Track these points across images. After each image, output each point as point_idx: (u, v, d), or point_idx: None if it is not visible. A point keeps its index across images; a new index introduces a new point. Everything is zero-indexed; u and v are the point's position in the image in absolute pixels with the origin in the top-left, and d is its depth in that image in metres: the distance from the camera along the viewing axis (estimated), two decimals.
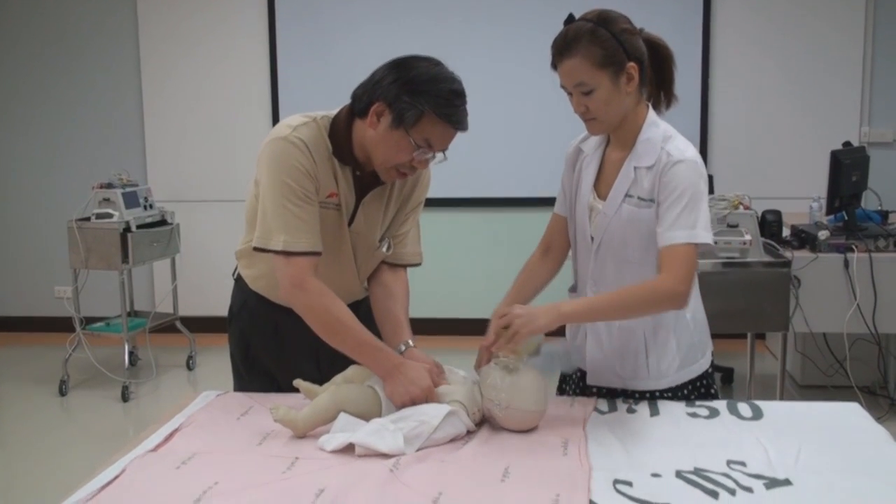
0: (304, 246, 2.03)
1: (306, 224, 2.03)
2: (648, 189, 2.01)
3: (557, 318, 1.91)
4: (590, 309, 1.96)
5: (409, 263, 2.34)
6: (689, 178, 1.95)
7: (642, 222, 2.02)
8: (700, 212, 1.95)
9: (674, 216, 1.95)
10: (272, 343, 2.32)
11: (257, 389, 2.28)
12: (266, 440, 1.92)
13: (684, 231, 1.94)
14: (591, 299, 1.99)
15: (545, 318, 1.90)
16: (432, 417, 1.87)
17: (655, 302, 1.94)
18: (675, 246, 1.94)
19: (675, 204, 1.95)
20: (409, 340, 2.15)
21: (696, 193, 1.95)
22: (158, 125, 6.15)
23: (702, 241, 1.95)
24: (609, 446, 1.86)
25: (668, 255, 1.94)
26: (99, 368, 5.14)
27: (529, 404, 1.94)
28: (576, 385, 2.30)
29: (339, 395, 1.97)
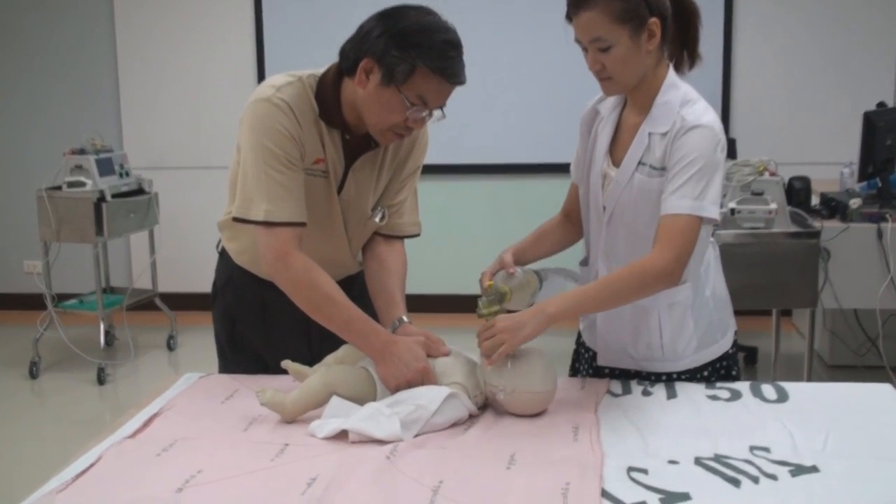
0: (287, 216, 2.03)
1: (289, 192, 2.03)
2: (660, 157, 1.99)
3: (545, 320, 1.90)
4: (578, 303, 1.95)
5: (406, 234, 2.33)
6: (703, 145, 1.93)
7: (653, 193, 2.00)
8: (711, 184, 1.93)
9: (680, 183, 1.93)
10: (259, 321, 2.32)
11: (243, 371, 2.28)
12: (253, 426, 1.92)
13: (689, 201, 1.91)
14: (578, 292, 1.97)
15: (532, 325, 1.90)
16: (430, 401, 1.87)
17: (646, 284, 1.93)
18: (676, 216, 1.92)
19: (684, 171, 1.93)
20: (402, 317, 2.15)
21: (710, 163, 1.93)
22: (134, 86, 6.12)
23: (707, 216, 1.93)
24: (623, 431, 1.86)
25: (666, 226, 1.92)
26: (72, 349, 5.15)
27: (536, 385, 1.94)
28: (588, 365, 2.31)
29: (330, 377, 1.97)
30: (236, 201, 2.09)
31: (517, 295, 2.09)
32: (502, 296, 2.07)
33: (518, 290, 2.09)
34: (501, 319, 1.95)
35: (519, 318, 1.92)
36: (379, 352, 2.01)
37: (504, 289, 2.07)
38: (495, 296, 2.06)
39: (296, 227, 2.04)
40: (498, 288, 2.07)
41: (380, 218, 2.26)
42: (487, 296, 2.06)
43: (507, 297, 2.07)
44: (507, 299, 2.07)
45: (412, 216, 2.33)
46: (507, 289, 2.07)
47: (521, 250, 2.21)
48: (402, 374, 1.97)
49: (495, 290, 2.07)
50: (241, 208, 2.07)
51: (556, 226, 2.29)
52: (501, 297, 2.07)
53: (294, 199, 2.04)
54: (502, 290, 2.07)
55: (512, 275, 2.10)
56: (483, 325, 2.00)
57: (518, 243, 2.22)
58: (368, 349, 2.03)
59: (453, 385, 1.95)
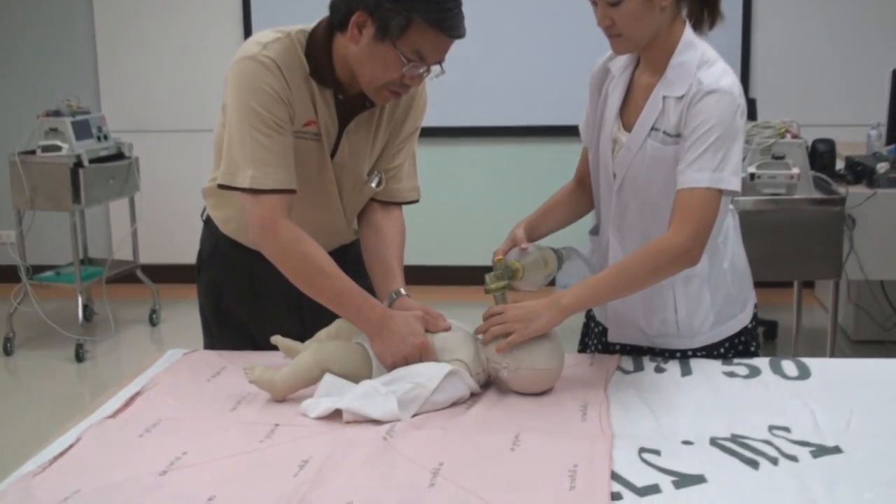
0: (275, 182, 2.02)
1: (278, 157, 2.02)
2: (675, 123, 1.98)
3: (559, 312, 1.93)
4: (594, 293, 1.97)
5: (404, 201, 2.32)
6: (721, 111, 1.92)
7: (667, 162, 1.99)
8: (731, 153, 1.92)
9: (697, 154, 1.92)
10: (247, 294, 2.32)
11: (230, 347, 2.29)
12: (241, 405, 1.92)
13: (707, 173, 1.91)
14: (593, 281, 1.98)
15: (546, 317, 1.92)
16: (430, 378, 1.87)
17: (663, 266, 1.94)
18: (694, 190, 1.91)
19: (701, 140, 1.92)
20: (400, 289, 2.15)
21: (728, 131, 1.92)
22: (113, 42, 6.09)
23: (727, 188, 1.93)
24: (634, 410, 1.87)
25: (683, 202, 1.92)
26: (49, 324, 5.15)
27: (541, 362, 1.94)
28: (598, 340, 2.31)
29: (323, 354, 1.97)
30: (221, 167, 2.08)
31: (529, 273, 2.07)
32: (513, 272, 2.06)
33: (531, 268, 2.08)
34: (513, 308, 1.95)
35: (532, 308, 1.93)
36: (374, 326, 2.01)
37: (515, 265, 2.06)
38: (504, 271, 2.05)
39: (284, 195, 2.04)
40: (508, 264, 2.06)
41: (376, 183, 2.25)
42: (496, 271, 2.05)
43: (517, 274, 2.06)
44: (517, 277, 2.06)
45: (411, 181, 2.32)
46: (519, 265, 2.06)
47: (534, 223, 2.20)
48: (399, 349, 1.97)
49: (505, 266, 2.06)
50: (226, 174, 2.06)
51: (570, 194, 2.29)
52: (511, 274, 2.05)
53: (282, 165, 2.03)
54: (513, 267, 2.06)
55: (525, 251, 2.09)
56: (491, 308, 2.00)
57: (530, 216, 2.22)
58: (363, 324, 2.03)
59: (454, 362, 1.95)
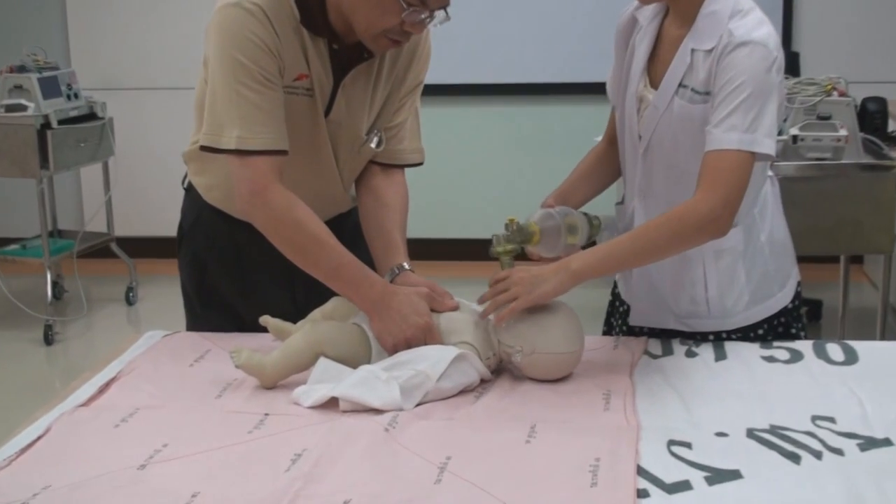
0: (264, 143, 2.02)
1: (267, 115, 2.02)
2: (704, 79, 1.99)
3: (569, 278, 1.92)
4: (608, 257, 1.95)
5: (406, 163, 2.33)
6: (753, 66, 1.92)
7: (696, 122, 2.00)
8: (764, 112, 1.92)
9: (726, 112, 1.92)
10: (233, 269, 2.33)
11: (215, 328, 2.30)
12: (227, 392, 1.93)
13: (738, 134, 1.91)
14: (607, 245, 1.97)
15: (553, 282, 1.92)
16: (436, 363, 1.87)
17: (687, 235, 1.94)
18: (723, 152, 1.91)
19: (731, 98, 1.92)
20: (403, 263, 2.15)
21: (762, 87, 1.92)
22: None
23: (760, 151, 1.92)
24: (663, 398, 1.88)
25: (711, 164, 1.92)
26: (14, 303, 5.15)
27: (559, 345, 1.94)
28: (622, 321, 2.31)
29: (317, 335, 1.97)
30: (204, 127, 2.08)
31: (548, 239, 2.05)
32: (528, 236, 2.03)
33: (550, 233, 2.05)
34: (518, 270, 1.95)
35: (539, 272, 1.93)
36: (374, 304, 2.01)
37: (532, 227, 2.03)
38: (516, 233, 2.02)
39: (275, 157, 2.03)
40: (523, 225, 2.03)
41: (376, 143, 2.25)
42: (507, 231, 2.02)
43: (532, 237, 2.03)
44: (532, 241, 2.03)
45: (414, 141, 2.32)
46: (536, 228, 2.03)
47: (564, 193, 2.20)
48: (401, 330, 1.97)
49: (518, 227, 2.02)
50: (209, 135, 2.06)
51: (601, 157, 2.29)
52: (526, 237, 2.03)
53: (272, 123, 2.03)
54: (529, 230, 2.03)
55: (548, 214, 2.08)
56: (496, 274, 1.99)
57: (560, 187, 2.22)
58: (362, 301, 2.03)
59: (462, 345, 1.95)
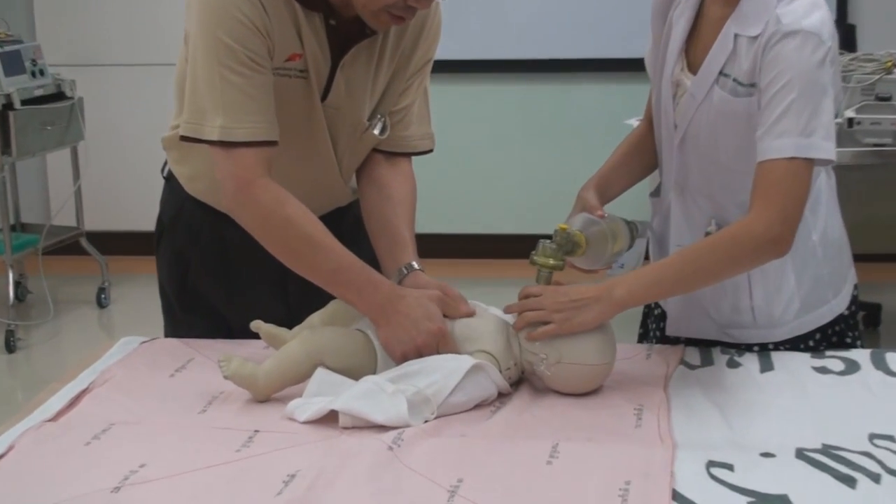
0: (250, 133, 2.02)
1: (254, 101, 2.01)
2: (749, 69, 1.99)
3: (611, 307, 1.93)
4: (654, 283, 1.98)
5: (414, 151, 2.33)
6: (803, 60, 1.92)
7: (738, 117, 2.01)
8: (819, 111, 1.92)
9: (776, 115, 1.92)
10: (220, 269, 2.34)
11: (199, 334, 2.30)
12: (212, 406, 1.94)
13: (792, 139, 1.91)
14: (654, 270, 2.01)
15: (595, 311, 1.93)
16: (448, 374, 1.88)
17: (744, 257, 1.95)
18: (777, 162, 1.91)
19: (780, 97, 1.92)
20: (412, 262, 2.15)
21: (814, 84, 1.92)
22: None
23: (819, 157, 1.93)
24: (702, 414, 1.88)
25: (765, 178, 1.92)
26: None
27: (588, 355, 1.94)
28: (657, 326, 2.32)
29: (316, 343, 1.97)
30: (184, 113, 2.08)
31: (594, 248, 2.06)
32: (573, 246, 2.03)
33: (596, 241, 2.05)
34: (554, 292, 1.95)
35: (578, 296, 1.93)
36: (380, 309, 2.01)
37: (578, 237, 2.03)
38: (564, 244, 2.02)
39: (263, 148, 2.04)
40: (571, 235, 2.03)
41: (379, 130, 2.25)
42: (556, 240, 2.02)
43: (579, 249, 2.03)
44: (578, 252, 2.04)
45: (422, 126, 2.32)
46: (583, 238, 2.04)
47: (604, 182, 2.21)
48: (411, 337, 1.97)
49: (566, 237, 2.02)
50: (190, 123, 2.06)
51: (642, 139, 2.30)
52: (572, 248, 2.03)
53: (260, 111, 2.03)
54: (575, 240, 2.03)
55: (600, 219, 2.09)
56: (528, 287, 2.00)
57: (598, 174, 2.22)
58: (366, 305, 2.03)
59: (479, 354, 1.95)
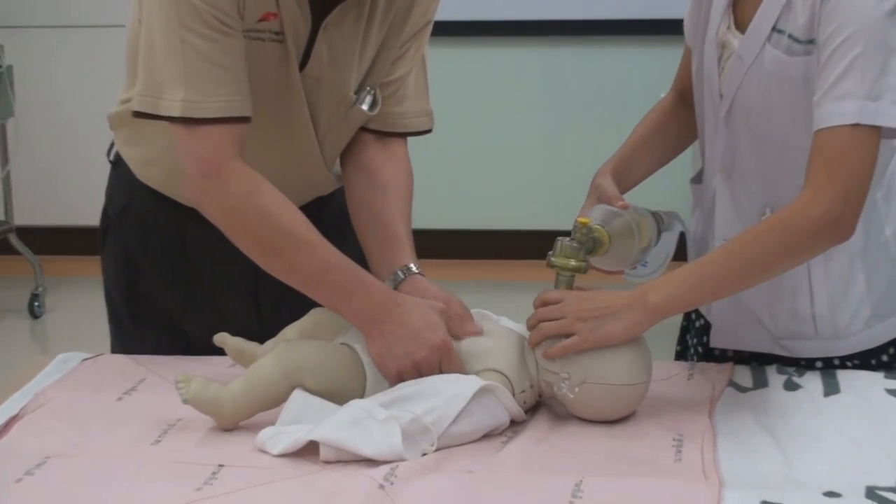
0: (219, 108, 2.01)
1: (222, 70, 2.01)
2: (806, 24, 1.99)
3: (645, 315, 1.93)
4: (696, 285, 1.98)
5: (410, 130, 2.34)
6: (867, 10, 1.91)
7: (794, 81, 2.01)
8: (888, 71, 1.91)
9: (836, 76, 1.92)
10: (178, 270, 2.35)
11: (151, 349, 2.32)
12: (169, 435, 1.93)
13: (855, 102, 1.90)
14: (693, 269, 2.01)
15: (626, 320, 1.93)
16: (451, 398, 1.87)
17: (799, 246, 1.95)
18: (836, 130, 1.91)
19: (840, 55, 1.92)
20: (409, 265, 2.16)
21: (881, 38, 1.91)
22: None
23: (887, 125, 1.92)
24: (754, 446, 1.88)
25: (822, 149, 1.93)
26: None
27: (620, 374, 1.94)
28: (699, 340, 2.33)
29: (292, 360, 1.96)
30: (138, 84, 2.07)
31: (618, 245, 2.06)
32: (595, 243, 2.03)
33: (621, 238, 2.06)
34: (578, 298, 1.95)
35: (609, 302, 1.94)
36: (372, 318, 2.00)
37: (601, 234, 2.03)
38: (586, 241, 2.02)
39: (234, 126, 2.03)
40: (593, 231, 2.03)
41: (369, 105, 2.25)
42: (575, 238, 2.02)
43: (602, 247, 2.03)
44: (600, 250, 2.04)
45: (419, 102, 2.33)
46: (606, 234, 2.03)
47: (622, 166, 2.22)
48: (408, 352, 1.97)
49: (587, 233, 2.02)
50: (145, 97, 2.05)
51: (669, 115, 2.33)
52: (593, 246, 2.02)
53: (230, 81, 2.02)
54: (597, 237, 2.03)
55: (618, 212, 2.09)
56: (546, 293, 2.00)
57: (615, 157, 2.24)
58: (356, 314, 2.02)
59: (487, 373, 1.95)
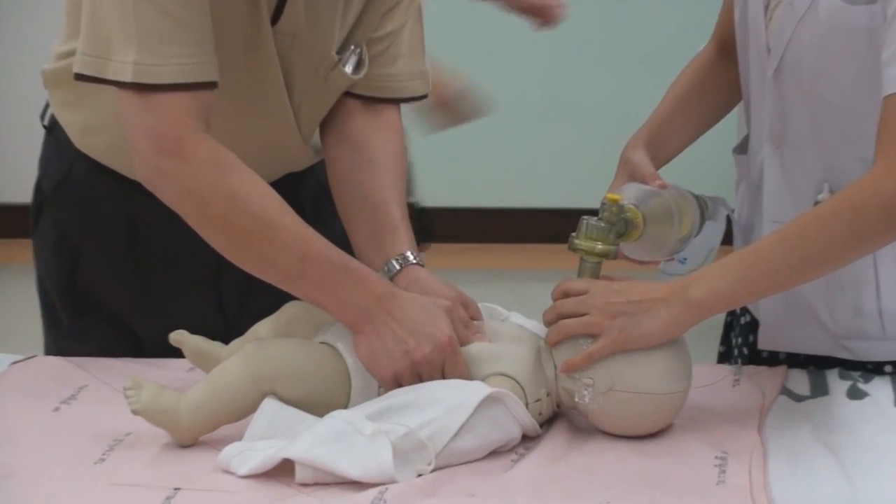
0: (178, 72, 2.01)
1: (182, 27, 2.02)
2: None
3: (686, 311, 1.95)
4: (747, 277, 1.99)
5: (404, 96, 2.37)
6: None
7: (856, 34, 2.03)
8: None
9: None
10: (126, 258, 2.37)
11: (95, 350, 2.34)
12: (116, 453, 1.94)
13: None
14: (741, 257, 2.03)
15: (663, 318, 1.95)
16: (452, 409, 1.87)
17: (869, 231, 1.94)
18: None
19: None
20: (406, 253, 2.18)
21: None
22: None
23: None
24: (811, 465, 1.88)
25: (892, 118, 1.95)
26: None
27: (653, 381, 1.95)
28: (744, 340, 2.34)
29: (263, 363, 1.96)
30: (81, 40, 2.06)
31: (654, 229, 2.06)
32: (627, 224, 2.03)
33: (658, 221, 2.07)
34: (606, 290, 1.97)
35: (643, 295, 1.95)
36: (364, 313, 2.01)
37: (635, 215, 2.04)
38: (616, 221, 2.02)
39: (197, 93, 2.03)
40: (625, 211, 2.03)
41: (353, 66, 2.27)
42: (603, 217, 2.03)
43: (635, 230, 2.04)
44: (633, 234, 2.04)
45: (414, 61, 2.36)
46: (641, 216, 2.04)
47: (657, 136, 2.27)
48: (405, 350, 1.98)
49: (618, 213, 2.02)
50: (90, 56, 2.04)
51: (709, 71, 2.37)
52: (625, 228, 2.03)
53: (192, 40, 2.03)
54: (631, 217, 2.03)
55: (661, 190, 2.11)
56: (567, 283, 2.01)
57: (648, 126, 2.28)
58: (344, 308, 2.03)
59: (495, 378, 1.96)
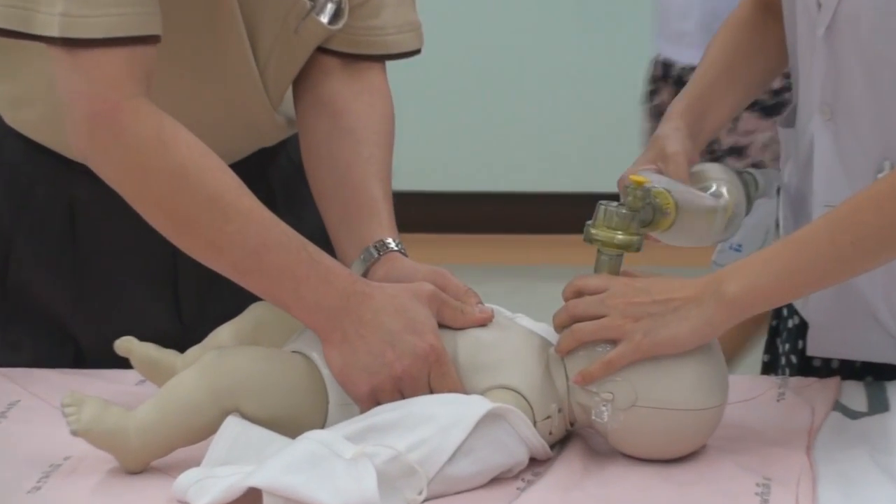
0: (115, 24, 2.01)
1: None
2: None
3: (721, 311, 1.97)
4: (791, 269, 2.01)
5: (390, 53, 2.41)
6: None
7: None
8: None
9: None
10: (64, 252, 2.39)
11: (27, 359, 2.38)
12: (53, 480, 1.95)
13: None
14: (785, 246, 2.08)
15: (694, 318, 1.96)
16: (447, 428, 1.88)
17: None
18: None
19: None
20: (387, 239, 2.20)
21: None
22: None
23: None
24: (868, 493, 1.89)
25: None
26: None
27: (683, 396, 1.96)
28: (793, 346, 2.39)
29: (224, 376, 1.97)
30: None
31: (689, 216, 2.07)
32: (655, 211, 2.03)
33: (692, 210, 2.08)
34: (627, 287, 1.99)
35: (670, 293, 1.97)
36: (331, 317, 2.02)
37: (665, 200, 2.04)
38: (641, 208, 2.02)
39: (135, 49, 2.04)
40: (652, 195, 2.03)
41: (330, 15, 2.28)
42: (626, 201, 2.03)
43: (665, 218, 2.04)
44: (663, 223, 2.04)
45: (402, 11, 2.40)
46: (672, 202, 2.04)
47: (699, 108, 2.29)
48: (383, 363, 1.99)
49: (644, 198, 2.02)
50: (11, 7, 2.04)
51: (751, 30, 2.40)
52: (652, 215, 2.03)
53: None
54: (660, 202, 2.03)
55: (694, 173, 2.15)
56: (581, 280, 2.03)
57: (687, 95, 2.32)
58: (308, 311, 2.03)
59: (497, 392, 1.97)
